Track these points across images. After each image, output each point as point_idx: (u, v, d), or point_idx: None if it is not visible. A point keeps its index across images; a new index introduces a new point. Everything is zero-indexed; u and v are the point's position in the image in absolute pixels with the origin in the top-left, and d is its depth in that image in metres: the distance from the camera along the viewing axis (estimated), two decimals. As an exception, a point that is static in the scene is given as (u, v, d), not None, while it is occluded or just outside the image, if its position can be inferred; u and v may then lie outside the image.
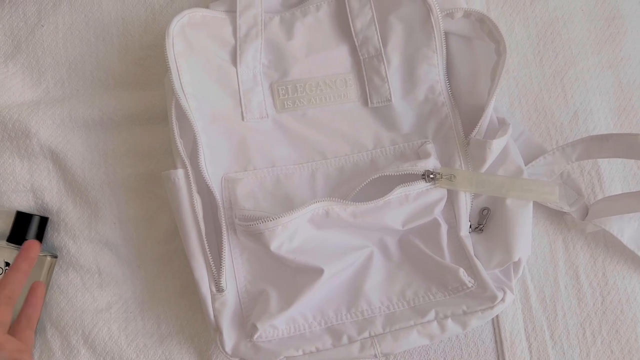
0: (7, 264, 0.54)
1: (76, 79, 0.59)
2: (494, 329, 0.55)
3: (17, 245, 0.54)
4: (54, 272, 0.56)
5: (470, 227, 0.53)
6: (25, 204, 0.57)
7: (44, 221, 0.56)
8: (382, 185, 0.51)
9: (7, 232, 0.55)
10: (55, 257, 0.56)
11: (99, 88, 0.59)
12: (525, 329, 0.55)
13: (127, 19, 0.60)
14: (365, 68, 0.56)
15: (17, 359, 0.45)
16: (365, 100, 0.56)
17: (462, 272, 0.50)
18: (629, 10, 0.61)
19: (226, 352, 0.50)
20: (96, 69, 0.59)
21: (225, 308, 0.50)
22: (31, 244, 0.51)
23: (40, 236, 0.56)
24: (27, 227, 0.55)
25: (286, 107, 0.55)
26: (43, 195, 0.57)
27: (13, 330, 0.49)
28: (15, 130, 0.57)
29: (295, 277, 0.50)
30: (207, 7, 0.55)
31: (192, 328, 0.55)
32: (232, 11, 0.55)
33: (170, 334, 0.55)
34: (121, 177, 0.57)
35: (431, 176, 0.51)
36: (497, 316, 0.55)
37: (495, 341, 0.55)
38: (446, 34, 0.55)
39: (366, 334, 0.50)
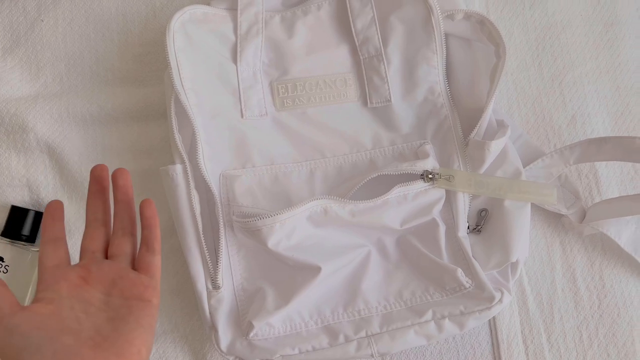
0: (1, 259, 0.53)
1: (75, 74, 0.59)
2: (491, 331, 0.55)
3: (11, 240, 0.54)
4: (48, 267, 0.55)
5: (468, 227, 0.53)
6: (21, 199, 0.56)
7: (39, 216, 0.55)
8: (381, 185, 0.51)
9: (2, 226, 0.55)
10: (50, 252, 0.55)
11: (98, 84, 0.59)
12: (522, 332, 0.55)
13: (128, 16, 0.60)
14: (365, 68, 0.56)
15: (141, 297, 0.39)
16: (364, 100, 0.56)
17: (460, 272, 0.50)
18: (627, 17, 0.61)
19: (221, 350, 0.49)
20: (95, 64, 0.59)
21: (221, 305, 0.50)
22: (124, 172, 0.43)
23: (35, 231, 0.55)
24: (22, 221, 0.54)
25: (286, 105, 0.55)
26: (39, 190, 0.57)
27: (134, 261, 0.42)
28: (12, 124, 0.56)
29: (293, 275, 0.50)
30: (208, 4, 0.55)
31: (187, 326, 0.55)
32: (233, 9, 0.55)
33: (165, 332, 0.54)
34: (118, 173, 0.57)
35: (430, 176, 0.51)
36: (494, 318, 0.55)
37: (492, 343, 0.55)
38: (446, 35, 0.55)
39: (363, 334, 0.50)
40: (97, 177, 0.43)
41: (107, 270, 0.40)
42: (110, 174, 0.44)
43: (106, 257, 0.42)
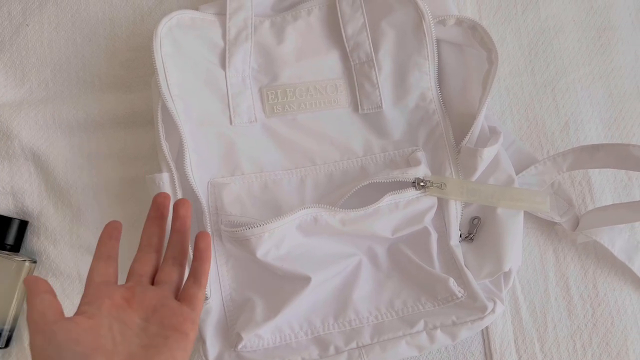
0: (-16, 269, 0.52)
1: (61, 80, 0.58)
2: (484, 340, 0.54)
3: (-6, 250, 0.53)
4: (33, 277, 0.54)
5: (460, 236, 0.53)
6: (5, 207, 0.55)
7: (23, 225, 0.54)
8: (372, 193, 0.50)
9: (-15, 235, 0.54)
10: (35, 262, 0.54)
11: (84, 90, 0.58)
12: (515, 341, 0.54)
13: (115, 21, 0.59)
14: (356, 74, 0.55)
15: (178, 328, 0.38)
16: (355, 106, 0.55)
17: (452, 282, 0.49)
18: (620, 22, 0.61)
19: (209, 362, 0.48)
20: (82, 70, 0.58)
21: (209, 316, 0.49)
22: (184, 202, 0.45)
23: (19, 240, 0.54)
24: (6, 230, 0.53)
25: (275, 111, 0.55)
26: (23, 198, 0.56)
27: (180, 290, 0.42)
28: (-4, 131, 0.55)
29: (282, 285, 0.49)
30: (196, 9, 0.55)
31: (175, 337, 0.54)
32: (221, 14, 0.54)
33: (152, 343, 0.53)
34: (105, 180, 0.56)
35: (421, 184, 0.51)
36: (486, 328, 0.54)
37: (485, 353, 0.54)
38: (438, 41, 0.55)
39: (354, 345, 0.49)
40: (159, 204, 0.44)
41: (151, 296, 0.40)
42: (172, 202, 0.45)
43: (152, 284, 0.42)
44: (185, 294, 0.41)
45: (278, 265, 0.48)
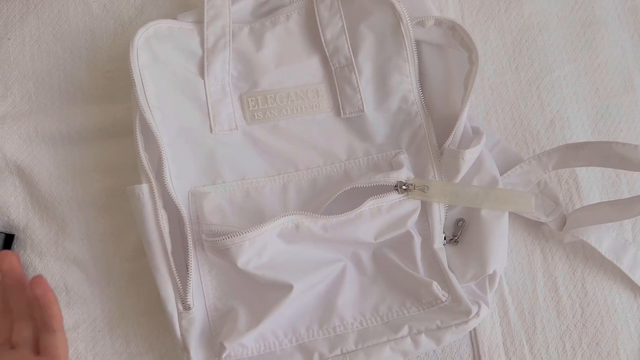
0: (-29, 284, 0.52)
1: (43, 92, 0.58)
2: (472, 343, 0.54)
3: (-20, 264, 0.53)
4: (20, 290, 0.55)
5: (445, 238, 0.52)
6: (-10, 221, 0.56)
7: (9, 238, 0.55)
8: (355, 198, 0.50)
9: (-29, 250, 0.54)
10: (21, 275, 0.55)
11: (67, 102, 0.58)
12: (504, 343, 0.54)
13: (96, 32, 0.59)
14: (337, 78, 0.55)
15: None
16: (337, 110, 0.55)
17: (435, 285, 0.49)
18: (605, 16, 0.60)
19: (194, 372, 0.48)
20: (64, 82, 0.58)
21: (192, 326, 0.49)
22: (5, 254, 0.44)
23: (5, 254, 0.54)
24: (-9, 245, 0.53)
25: (256, 118, 0.54)
26: (9, 211, 0.56)
27: (37, 343, 0.42)
28: (-20, 145, 0.56)
29: (265, 293, 0.49)
30: (175, 18, 0.54)
31: (162, 347, 0.54)
32: (200, 22, 0.54)
33: (140, 353, 0.54)
34: (89, 192, 0.56)
35: (404, 187, 0.50)
36: (474, 330, 0.54)
37: (474, 356, 0.54)
38: (418, 42, 0.54)
39: (338, 352, 0.49)
40: None
41: None
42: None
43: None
44: (43, 345, 0.41)
45: (260, 273, 0.48)
